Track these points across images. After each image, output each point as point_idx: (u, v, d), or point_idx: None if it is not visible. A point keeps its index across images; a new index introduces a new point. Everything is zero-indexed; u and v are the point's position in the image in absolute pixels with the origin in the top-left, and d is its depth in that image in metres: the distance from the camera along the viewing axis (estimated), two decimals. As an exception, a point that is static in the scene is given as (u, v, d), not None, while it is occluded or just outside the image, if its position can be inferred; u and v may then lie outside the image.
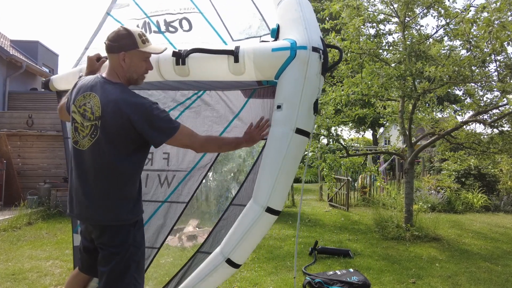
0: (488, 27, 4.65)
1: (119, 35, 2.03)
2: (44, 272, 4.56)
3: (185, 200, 2.70)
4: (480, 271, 5.00)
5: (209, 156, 2.68)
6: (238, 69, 2.10)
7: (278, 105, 2.01)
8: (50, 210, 8.32)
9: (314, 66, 1.95)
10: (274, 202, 2.03)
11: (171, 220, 2.72)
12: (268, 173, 2.03)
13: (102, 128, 1.96)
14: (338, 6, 6.18)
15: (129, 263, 2.06)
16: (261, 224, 2.07)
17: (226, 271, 2.24)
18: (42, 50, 17.17)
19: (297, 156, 2.05)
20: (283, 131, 1.98)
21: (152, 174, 2.79)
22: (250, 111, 2.55)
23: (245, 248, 2.16)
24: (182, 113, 2.71)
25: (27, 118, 9.47)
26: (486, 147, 7.18)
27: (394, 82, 6.21)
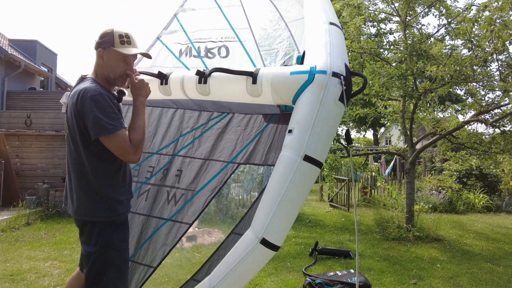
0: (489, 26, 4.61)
1: (103, 33, 2.09)
2: (43, 273, 4.54)
3: (189, 222, 2.65)
4: (482, 272, 4.98)
5: (219, 179, 2.64)
6: (255, 91, 2.08)
7: (290, 129, 1.91)
8: (49, 211, 8.29)
9: (332, 92, 1.83)
10: (271, 234, 1.84)
11: (172, 240, 2.67)
12: (268, 200, 1.88)
13: (68, 124, 2.03)
14: (339, 5, 6.15)
15: (106, 265, 2.01)
16: (254, 257, 1.87)
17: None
18: (41, 49, 17.13)
19: (303, 185, 1.88)
20: (290, 156, 1.85)
21: (163, 189, 2.78)
22: (268, 137, 2.51)
23: (233, 282, 1.97)
24: (203, 134, 2.76)
25: (26, 117, 9.44)
26: (488, 147, 7.15)
27: (395, 82, 6.19)
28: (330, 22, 2.08)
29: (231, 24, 2.85)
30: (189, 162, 2.75)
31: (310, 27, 2.17)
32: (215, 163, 2.67)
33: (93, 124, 1.89)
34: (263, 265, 1.99)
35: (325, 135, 1.86)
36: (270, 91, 2.04)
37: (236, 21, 2.85)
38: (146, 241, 2.72)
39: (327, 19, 2.10)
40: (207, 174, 2.67)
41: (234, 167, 2.59)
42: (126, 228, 2.16)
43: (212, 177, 2.65)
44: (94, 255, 1.99)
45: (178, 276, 4.45)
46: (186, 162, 2.76)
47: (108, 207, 2.03)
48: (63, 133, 9.25)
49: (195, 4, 3.17)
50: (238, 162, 2.59)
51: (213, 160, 2.68)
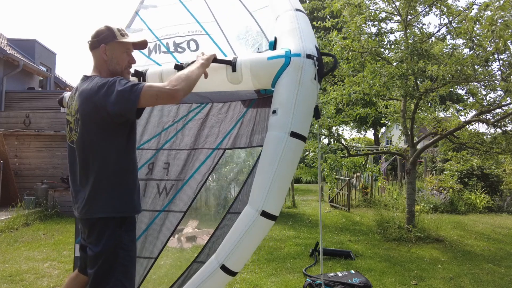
0: (491, 26, 4.59)
1: (98, 31, 2.13)
2: (42, 273, 4.53)
3: (183, 210, 2.71)
4: (483, 273, 4.96)
5: (207, 165, 2.72)
6: (235, 78, 2.20)
7: (274, 110, 2.05)
8: (48, 211, 8.28)
9: (308, 72, 2.01)
10: (269, 206, 2.00)
11: (168, 230, 2.72)
12: (263, 176, 2.02)
13: (81, 120, 2.02)
14: (339, 4, 6.11)
15: (115, 265, 2.01)
16: (257, 228, 2.03)
17: (221, 279, 2.17)
18: (40, 48, 17.10)
19: (293, 160, 2.05)
20: (278, 135, 2.01)
21: (152, 183, 2.83)
22: (249, 120, 2.63)
23: (241, 254, 2.11)
24: (185, 125, 2.84)
25: (24, 117, 9.43)
26: (489, 147, 7.13)
27: (396, 81, 6.16)
28: (295, 8, 2.24)
29: (196, 18, 2.92)
30: (175, 154, 2.82)
31: (277, 14, 2.31)
32: (201, 151, 2.76)
33: (121, 99, 1.88)
34: (265, 235, 2.15)
35: (306, 111, 2.05)
36: (250, 77, 2.16)
37: (201, 15, 2.91)
38: (142, 235, 2.74)
39: (292, 6, 2.26)
40: (195, 162, 2.75)
41: (220, 153, 2.70)
42: (134, 229, 2.17)
43: (199, 165, 2.73)
44: (104, 255, 1.99)
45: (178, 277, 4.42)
46: (173, 155, 2.83)
47: (118, 203, 2.03)
48: (62, 133, 9.25)
49: (156, 0, 3.20)
50: (224, 148, 2.70)
51: (199, 149, 2.78)
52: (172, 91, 1.88)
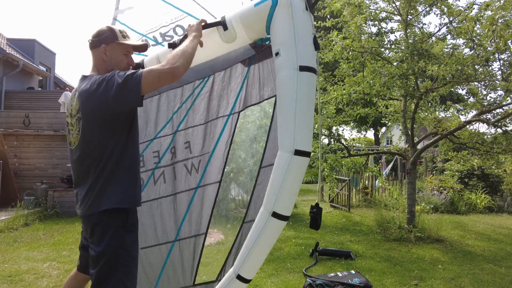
0: (491, 26, 4.57)
1: (100, 31, 2.13)
2: (41, 274, 4.52)
3: (217, 180, 2.72)
4: (484, 273, 4.95)
5: (227, 133, 2.72)
6: (230, 36, 2.19)
7: (276, 52, 2.01)
8: (47, 211, 8.26)
9: (298, 5, 1.99)
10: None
11: (209, 203, 2.73)
12: (286, 115, 1.97)
13: (83, 119, 2.02)
14: (340, 4, 6.10)
15: (117, 265, 2.00)
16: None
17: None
18: (39, 48, 17.10)
19: (309, 94, 1.97)
20: (287, 73, 1.95)
21: (179, 165, 2.85)
22: (253, 77, 2.61)
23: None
24: (193, 102, 2.84)
25: (24, 117, 9.41)
26: (490, 147, 7.11)
27: (396, 81, 6.15)
28: None
29: (174, 4, 2.95)
30: (192, 131, 2.83)
31: None
32: (216, 122, 2.77)
33: (123, 90, 1.89)
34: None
35: (307, 43, 2.00)
36: (243, 29, 2.16)
37: (177, 1, 2.95)
38: (185, 216, 2.79)
39: None
40: (214, 133, 2.77)
41: (236, 117, 2.69)
42: (136, 229, 2.16)
43: (219, 134, 2.74)
44: (106, 255, 1.99)
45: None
46: (190, 133, 2.84)
47: (120, 197, 2.03)
48: (61, 133, 9.24)
49: (129, 2, 3.22)
50: (238, 111, 2.68)
51: (214, 120, 2.77)
52: (172, 69, 1.89)
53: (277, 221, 1.99)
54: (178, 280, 2.76)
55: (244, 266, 2.12)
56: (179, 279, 2.77)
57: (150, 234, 2.85)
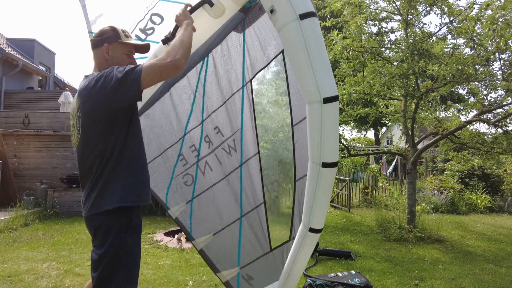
0: (492, 25, 4.57)
1: (102, 30, 2.14)
2: (41, 274, 4.50)
3: (256, 152, 2.76)
4: (484, 273, 4.94)
5: (247, 104, 2.73)
6: (218, 10, 2.16)
7: (271, 10, 1.89)
8: (47, 211, 8.25)
9: None
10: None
11: (256, 175, 2.79)
12: (301, 71, 1.93)
13: (83, 117, 2.01)
14: (340, 4, 6.09)
15: (118, 269, 1.98)
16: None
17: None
18: (39, 48, 17.09)
19: (318, 40, 1.86)
20: (290, 28, 1.84)
21: (218, 150, 2.91)
22: (252, 41, 2.58)
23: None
24: (205, 88, 2.85)
25: (23, 117, 9.39)
26: (490, 147, 7.10)
27: (396, 81, 6.14)
28: None
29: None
30: (216, 115, 2.86)
31: None
32: (233, 97, 2.77)
33: (124, 91, 1.88)
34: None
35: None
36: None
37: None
38: (242, 193, 2.85)
39: None
40: (236, 109, 2.78)
41: (249, 86, 2.68)
42: (139, 232, 2.12)
43: (241, 108, 2.76)
44: (107, 258, 1.97)
45: (177, 277, 4.40)
46: (214, 117, 2.86)
47: (120, 196, 1.99)
48: (61, 133, 9.23)
49: (97, 10, 3.14)
50: (249, 79, 2.66)
51: (230, 97, 2.78)
52: (174, 61, 1.88)
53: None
54: (257, 250, 2.83)
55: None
56: (257, 249, 2.83)
57: (216, 219, 2.95)
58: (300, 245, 2.13)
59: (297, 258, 2.17)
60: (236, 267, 2.87)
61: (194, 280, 4.36)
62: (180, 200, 3.04)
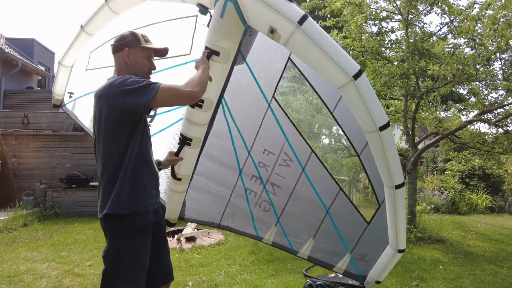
0: (493, 25, 4.56)
1: (123, 35, 2.20)
2: (40, 274, 4.49)
3: (309, 152, 2.90)
4: (485, 274, 4.93)
5: (281, 116, 2.83)
6: (225, 55, 2.25)
7: (271, 30, 1.99)
8: (46, 211, 8.23)
9: None
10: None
11: (322, 172, 2.95)
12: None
13: (96, 118, 2.09)
14: (340, 4, 6.08)
15: (119, 270, 2.02)
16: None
17: None
18: (38, 48, 17.06)
19: (322, 37, 2.04)
20: (296, 35, 1.96)
21: (276, 169, 3.02)
22: (257, 64, 2.71)
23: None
24: (236, 124, 2.97)
25: (23, 117, 9.36)
26: (491, 147, 7.09)
27: (397, 81, 6.13)
28: None
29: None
30: (259, 141, 2.99)
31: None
32: (265, 118, 2.89)
33: (136, 97, 1.94)
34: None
35: (282, 2, 1.98)
36: (228, 42, 2.24)
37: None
38: (317, 192, 2.98)
39: None
40: (273, 126, 2.89)
41: (274, 101, 2.81)
42: (145, 234, 2.12)
43: (277, 122, 2.87)
44: (109, 258, 2.04)
45: (177, 278, 4.39)
46: (258, 143, 3.03)
47: (126, 199, 2.02)
48: (60, 133, 9.21)
49: (97, 40, 3.11)
50: (272, 96, 2.78)
51: (263, 120, 2.89)
52: (192, 92, 1.97)
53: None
54: (356, 230, 2.98)
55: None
56: (356, 229, 2.98)
57: (308, 224, 3.08)
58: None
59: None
60: (346, 254, 2.99)
61: (194, 280, 4.34)
62: (269, 226, 3.18)
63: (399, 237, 2.28)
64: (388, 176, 2.17)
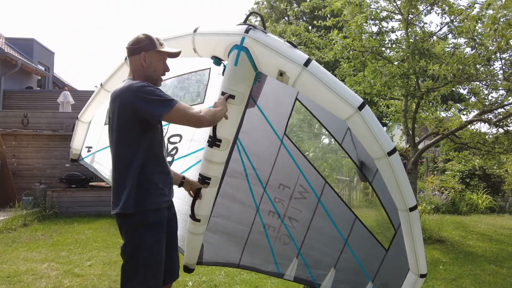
0: (493, 25, 4.55)
1: (139, 39, 2.25)
2: (40, 274, 4.47)
3: (323, 181, 3.00)
4: (485, 274, 4.93)
5: (293, 151, 2.95)
6: (239, 98, 2.39)
7: (280, 73, 2.18)
8: (46, 211, 8.21)
9: (259, 34, 2.26)
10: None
11: (336, 200, 3.06)
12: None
13: (111, 118, 2.17)
14: (340, 3, 6.07)
15: (138, 265, 2.09)
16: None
17: None
18: (38, 48, 17.01)
19: (330, 76, 2.20)
20: (303, 76, 2.14)
21: (292, 203, 3.07)
22: (269, 107, 2.86)
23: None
24: (253, 165, 3.04)
25: (22, 117, 9.34)
26: (491, 147, 7.09)
27: (397, 81, 6.12)
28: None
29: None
30: (273, 176, 3.05)
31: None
32: (279, 154, 2.98)
33: (152, 107, 2.04)
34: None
35: (286, 49, 2.22)
36: (243, 86, 2.42)
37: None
38: (334, 222, 3.05)
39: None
40: (287, 161, 2.96)
41: (286, 138, 2.93)
42: (160, 229, 2.19)
43: (291, 157, 2.96)
44: (127, 254, 2.11)
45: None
46: (272, 179, 3.05)
47: (137, 199, 2.09)
48: (60, 133, 9.19)
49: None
50: (283, 133, 2.91)
51: (277, 156, 2.98)
52: (203, 119, 2.12)
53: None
54: (376, 258, 2.97)
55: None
56: (375, 257, 2.97)
57: (328, 255, 3.09)
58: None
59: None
60: (368, 283, 2.98)
61: (193, 280, 4.34)
62: (290, 259, 3.18)
63: (419, 261, 2.31)
64: (401, 199, 2.23)
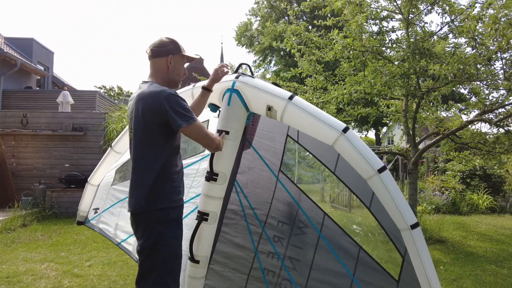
0: (494, 24, 4.53)
1: (164, 41, 2.35)
2: (39, 275, 4.48)
3: (322, 213, 3.04)
4: (486, 274, 4.93)
5: (289, 185, 3.04)
6: (235, 135, 2.52)
7: (268, 108, 2.39)
8: (45, 212, 8.22)
9: (248, 79, 2.51)
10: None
11: (337, 231, 3.01)
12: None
13: (135, 118, 2.22)
14: (340, 3, 6.05)
15: (157, 262, 2.13)
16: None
17: None
18: (37, 47, 16.99)
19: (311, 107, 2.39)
20: (288, 109, 2.34)
21: (292, 239, 3.06)
22: (263, 147, 3.01)
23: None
24: (247, 198, 3.10)
25: (22, 117, 9.34)
26: (492, 147, 7.08)
27: (397, 81, 6.10)
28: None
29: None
30: (271, 214, 3.10)
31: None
32: (276, 190, 3.08)
33: (177, 117, 2.11)
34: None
35: (272, 88, 2.46)
36: (237, 124, 2.56)
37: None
38: (338, 257, 2.97)
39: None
40: (284, 196, 3.05)
41: (281, 174, 3.06)
42: (177, 225, 2.26)
43: (288, 192, 3.04)
44: (146, 251, 2.14)
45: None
46: (270, 216, 3.08)
47: (155, 197, 2.16)
48: (59, 133, 9.19)
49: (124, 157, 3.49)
50: (278, 169, 3.04)
51: (274, 192, 3.07)
52: (217, 142, 2.27)
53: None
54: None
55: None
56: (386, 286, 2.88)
57: (340, 278, 2.98)
58: None
59: None
60: None
61: None
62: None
63: (431, 281, 2.25)
64: (401, 217, 2.22)
